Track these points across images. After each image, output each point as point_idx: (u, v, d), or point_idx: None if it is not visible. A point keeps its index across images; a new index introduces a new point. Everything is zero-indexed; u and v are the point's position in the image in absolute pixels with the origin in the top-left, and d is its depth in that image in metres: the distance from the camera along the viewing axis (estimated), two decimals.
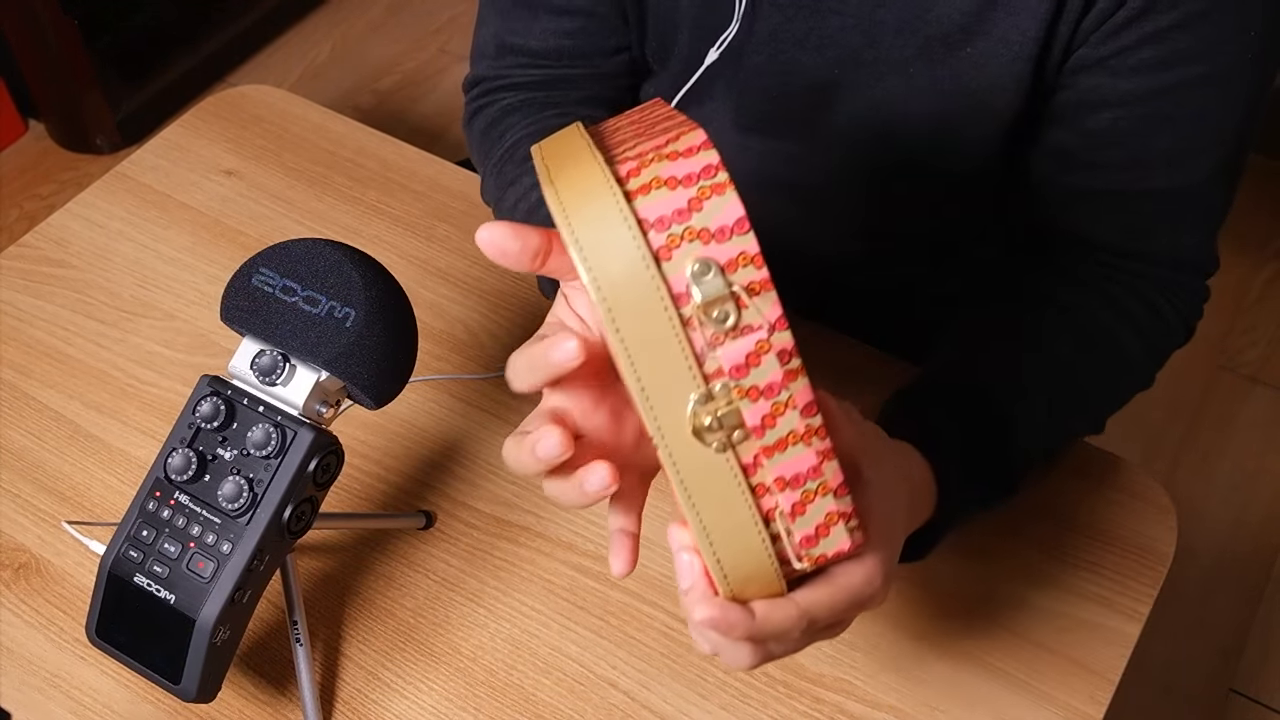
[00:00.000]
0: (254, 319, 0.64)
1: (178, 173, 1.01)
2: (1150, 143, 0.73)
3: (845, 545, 0.48)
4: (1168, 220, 0.77)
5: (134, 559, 0.65)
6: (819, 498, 0.47)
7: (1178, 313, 0.79)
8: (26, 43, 2.04)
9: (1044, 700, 0.72)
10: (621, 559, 0.54)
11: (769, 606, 0.50)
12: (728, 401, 0.45)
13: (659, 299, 0.44)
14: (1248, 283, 2.00)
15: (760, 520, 0.47)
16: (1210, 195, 0.76)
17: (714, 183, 0.45)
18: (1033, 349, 0.74)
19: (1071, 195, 0.77)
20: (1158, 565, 0.78)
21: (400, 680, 0.73)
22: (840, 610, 0.52)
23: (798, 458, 0.46)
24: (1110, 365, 0.76)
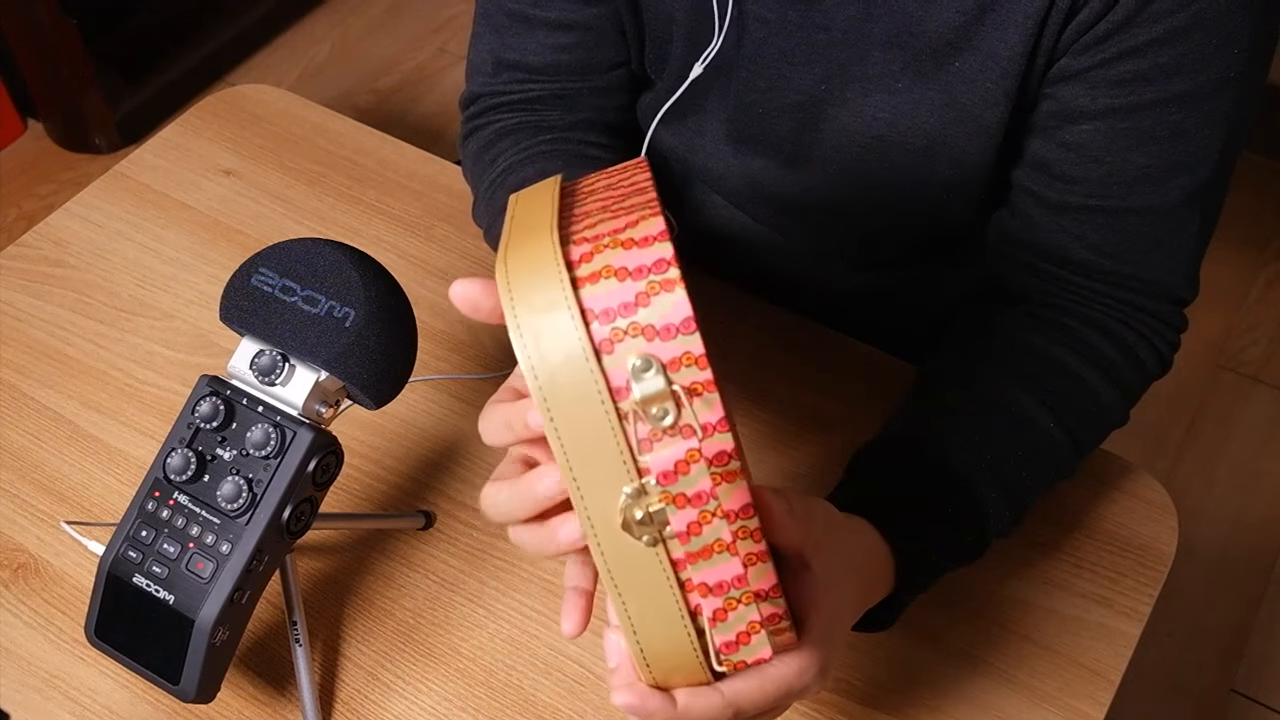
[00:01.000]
0: (253, 319, 0.64)
1: (177, 172, 1.01)
2: (1128, 159, 0.72)
3: (766, 654, 0.48)
4: (1144, 240, 0.75)
5: (133, 559, 0.64)
6: (741, 606, 0.47)
7: (1152, 348, 0.77)
8: (25, 42, 2.04)
9: (1045, 700, 0.72)
10: (573, 619, 0.54)
11: (692, 696, 0.49)
12: (659, 499, 0.45)
13: (596, 391, 0.44)
14: (1248, 282, 2.00)
15: (687, 614, 0.47)
16: (1189, 218, 0.74)
17: (664, 278, 0.44)
18: (996, 400, 0.74)
19: (1048, 209, 0.76)
20: (1159, 565, 0.78)
21: (400, 680, 0.73)
22: (771, 700, 0.51)
23: (722, 566, 0.46)
24: (1081, 414, 0.75)
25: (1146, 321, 0.78)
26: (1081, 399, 0.75)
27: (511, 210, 0.49)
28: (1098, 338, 0.76)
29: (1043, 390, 0.74)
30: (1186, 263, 0.77)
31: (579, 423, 0.44)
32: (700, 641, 0.47)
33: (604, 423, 0.44)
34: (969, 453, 0.70)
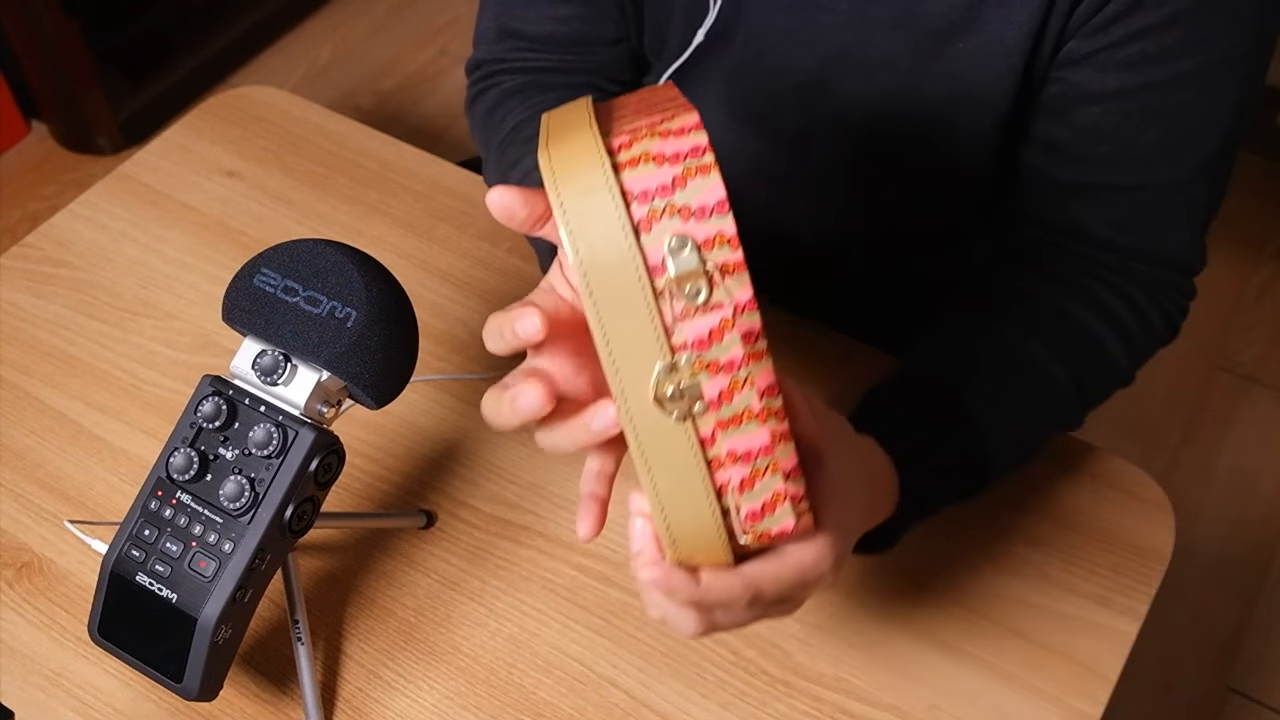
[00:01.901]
0: (255, 319, 0.64)
1: (180, 173, 1.01)
2: (1137, 138, 0.73)
3: (789, 525, 0.49)
4: (1154, 215, 0.77)
5: (136, 558, 0.65)
6: (768, 475, 0.48)
7: (1162, 311, 0.79)
8: (29, 44, 2.04)
9: (1043, 698, 0.72)
10: (587, 523, 0.55)
11: (713, 576, 0.51)
12: (691, 374, 0.47)
13: (635, 268, 0.46)
14: (1245, 283, 2.00)
15: (713, 492, 0.48)
16: (1197, 192, 0.76)
17: (700, 163, 0.46)
18: (1007, 346, 0.75)
19: (1058, 188, 0.78)
20: (1156, 564, 0.78)
21: (401, 679, 0.74)
22: (787, 586, 0.53)
23: (751, 434, 0.48)
24: (1087, 363, 0.76)
25: (1157, 287, 0.79)
26: (1091, 351, 0.76)
27: (545, 122, 0.51)
28: (1108, 295, 0.77)
29: (1054, 339, 0.75)
30: (1195, 233, 0.78)
31: (617, 298, 0.46)
32: (725, 522, 0.49)
33: (640, 298, 0.46)
34: (980, 396, 0.71)
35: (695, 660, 0.74)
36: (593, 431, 0.51)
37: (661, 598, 0.53)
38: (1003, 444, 0.72)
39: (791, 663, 0.74)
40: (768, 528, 0.49)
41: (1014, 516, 0.80)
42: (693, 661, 0.74)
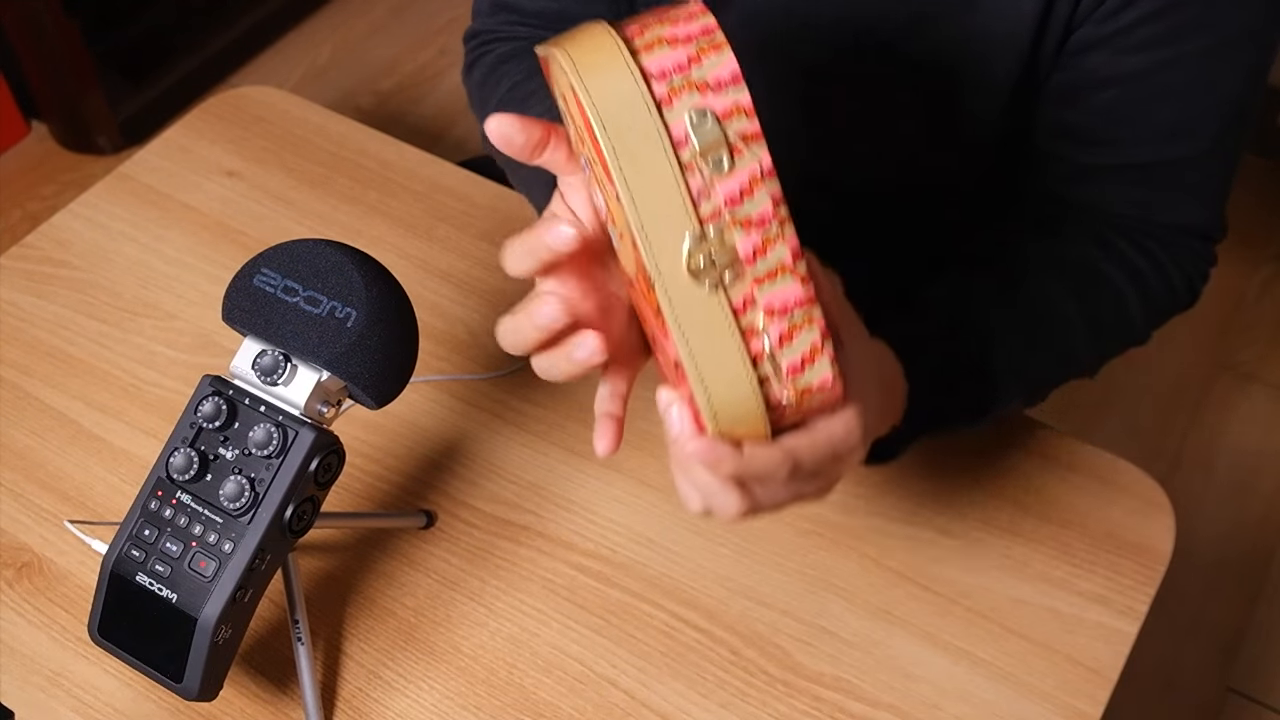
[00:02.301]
0: (255, 319, 0.64)
1: (179, 173, 1.02)
2: (1156, 117, 0.74)
3: (828, 377, 0.51)
4: (1175, 189, 0.78)
5: (136, 558, 0.65)
6: (805, 329, 0.50)
7: (1183, 273, 0.80)
8: (29, 44, 2.04)
9: (1043, 698, 0.72)
10: (606, 440, 0.57)
11: (754, 447, 0.52)
12: (720, 242, 0.48)
13: (660, 142, 0.48)
14: (1245, 282, 2.00)
15: (748, 359, 0.50)
16: (1216, 162, 0.77)
17: (711, 42, 0.48)
18: (1020, 281, 0.76)
19: (1079, 171, 0.79)
20: (1156, 564, 0.78)
21: (401, 679, 0.74)
22: (821, 458, 0.54)
23: (786, 288, 0.49)
24: (1102, 308, 0.77)
25: (1178, 253, 0.80)
26: (1109, 299, 0.77)
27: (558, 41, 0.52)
28: (1131, 250, 0.78)
29: (1071, 281, 0.76)
30: (1215, 202, 0.79)
31: (645, 174, 0.48)
32: (762, 391, 0.50)
33: (667, 171, 0.48)
34: (993, 320, 0.73)
35: (695, 660, 0.74)
36: (576, 362, 0.53)
37: (705, 476, 0.54)
38: (1012, 369, 0.72)
39: (791, 662, 0.74)
40: (809, 381, 0.50)
41: (1014, 516, 0.80)
42: (692, 661, 0.74)
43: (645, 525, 0.80)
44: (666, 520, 0.80)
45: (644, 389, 0.86)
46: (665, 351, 0.54)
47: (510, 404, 0.86)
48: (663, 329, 0.51)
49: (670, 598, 0.76)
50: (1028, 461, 0.82)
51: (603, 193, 0.52)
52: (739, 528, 0.79)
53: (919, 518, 0.80)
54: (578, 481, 0.82)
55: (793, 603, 0.76)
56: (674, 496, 0.80)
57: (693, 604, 0.76)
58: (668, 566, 0.78)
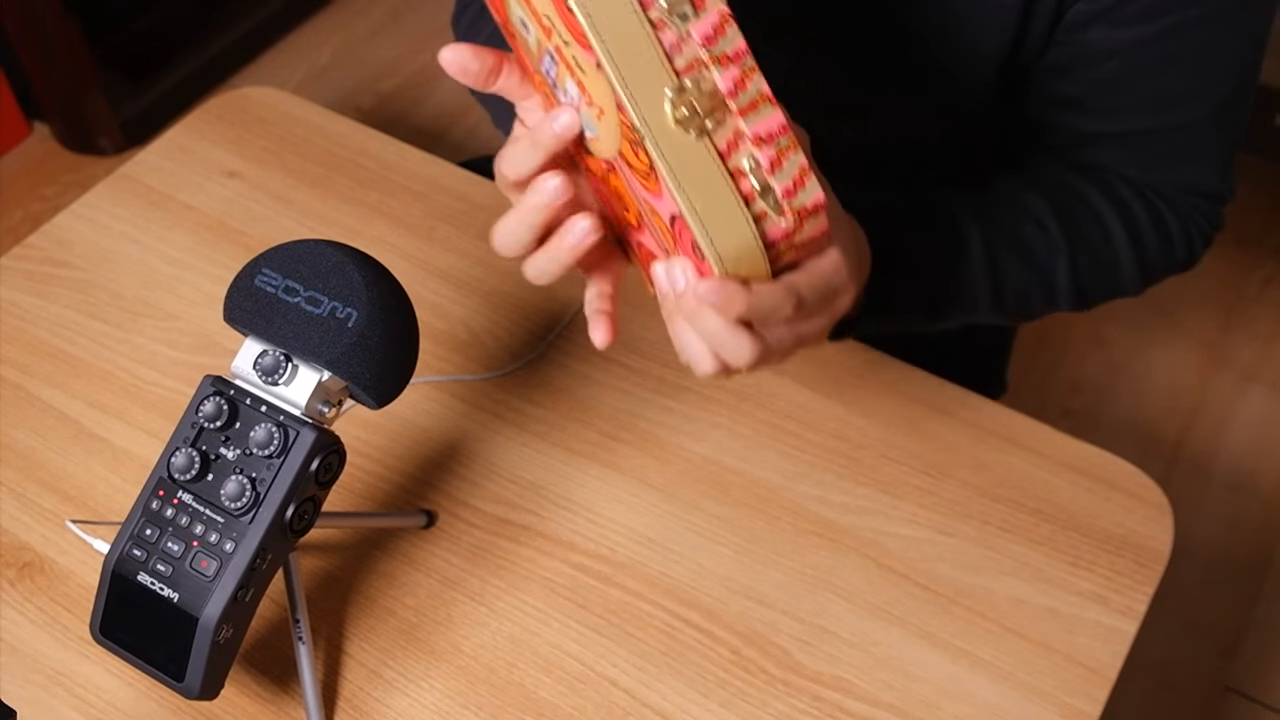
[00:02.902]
0: (256, 319, 0.65)
1: (181, 174, 1.02)
2: (1157, 85, 0.75)
3: (820, 197, 0.54)
4: (1178, 153, 0.79)
5: (137, 558, 0.65)
6: (792, 153, 0.53)
7: (1183, 229, 0.80)
8: (30, 44, 2.05)
9: (1041, 698, 0.72)
10: (601, 332, 0.62)
11: (760, 285, 0.55)
12: (699, 91, 0.52)
13: (630, 5, 0.51)
14: (1244, 281, 2.00)
15: (741, 199, 0.53)
16: (1222, 125, 0.78)
17: None
18: (999, 187, 0.78)
19: (1080, 138, 0.80)
20: (1154, 564, 0.78)
21: (402, 678, 0.74)
22: (818, 293, 0.58)
23: (769, 117, 0.53)
24: (1084, 233, 0.78)
25: (1181, 208, 0.81)
26: (1093, 227, 0.78)
27: None
28: (1129, 194, 0.79)
29: (1055, 203, 0.78)
30: (1222, 163, 0.80)
31: (620, 37, 0.51)
32: (759, 228, 0.54)
33: (640, 32, 0.51)
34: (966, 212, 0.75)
35: (695, 659, 0.74)
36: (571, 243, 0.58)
37: (714, 322, 0.56)
38: (979, 257, 0.74)
39: (791, 662, 0.74)
40: (803, 202, 0.54)
41: (1012, 515, 0.80)
42: (693, 661, 0.74)
43: (645, 525, 0.80)
44: (666, 520, 0.80)
45: (634, 389, 0.86)
46: (653, 226, 0.58)
47: (510, 404, 0.86)
48: (655, 187, 0.54)
49: (670, 597, 0.77)
50: (1027, 461, 0.82)
51: (574, 78, 0.55)
52: (739, 529, 0.79)
53: (918, 518, 0.80)
54: (578, 481, 0.82)
55: (792, 602, 0.76)
56: (675, 496, 0.80)
57: (693, 604, 0.76)
58: (668, 566, 0.78)
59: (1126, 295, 0.83)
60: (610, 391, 0.86)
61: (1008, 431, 0.84)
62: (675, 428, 0.84)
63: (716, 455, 0.83)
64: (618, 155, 0.56)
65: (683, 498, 0.81)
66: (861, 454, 0.83)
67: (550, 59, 0.58)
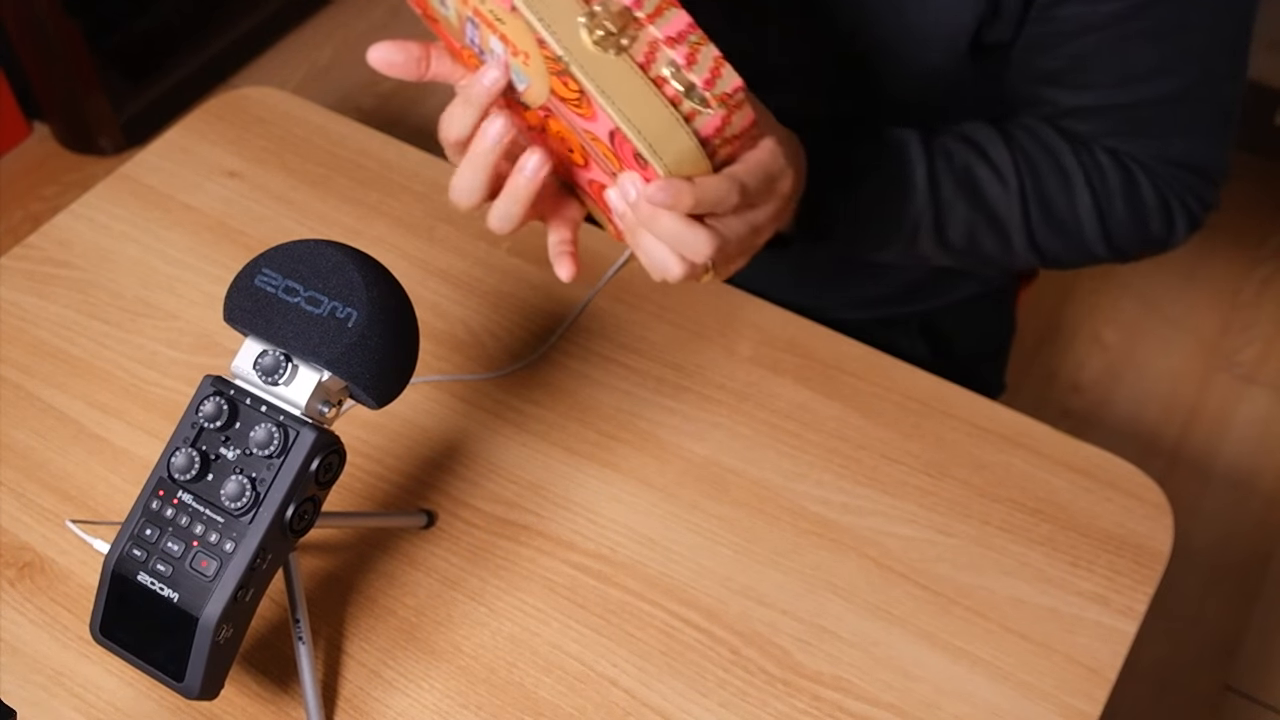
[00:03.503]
0: (256, 319, 0.64)
1: (181, 174, 1.02)
2: (1136, 58, 0.75)
3: (739, 81, 0.58)
4: (1161, 126, 0.79)
5: (137, 557, 0.65)
6: (704, 47, 0.58)
7: (1160, 200, 0.80)
8: (30, 45, 2.05)
9: (1041, 698, 0.72)
10: (566, 268, 0.68)
11: (703, 179, 0.60)
12: (608, 11, 0.57)
13: None
14: (1244, 282, 2.00)
15: (668, 103, 0.58)
16: (1206, 99, 0.78)
17: None
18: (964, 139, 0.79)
19: (1062, 112, 0.80)
20: (1154, 564, 0.78)
21: (402, 678, 0.74)
22: (759, 180, 0.63)
23: (675, 19, 0.58)
24: (1045, 193, 0.79)
25: (1164, 181, 0.81)
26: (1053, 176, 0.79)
27: None
28: (1105, 158, 0.80)
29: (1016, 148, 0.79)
30: (1207, 139, 0.80)
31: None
32: (691, 126, 0.59)
33: None
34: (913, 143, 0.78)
35: (695, 659, 0.74)
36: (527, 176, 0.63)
37: (669, 222, 0.60)
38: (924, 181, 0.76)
39: (791, 661, 0.74)
40: (724, 88, 0.58)
41: (1012, 516, 0.80)
42: (693, 660, 0.74)
43: (645, 525, 0.80)
44: (666, 520, 0.80)
45: (634, 389, 0.86)
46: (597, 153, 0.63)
47: (510, 404, 0.86)
48: (590, 111, 0.59)
49: (670, 597, 0.77)
50: (1026, 461, 0.82)
51: (496, 33, 0.60)
52: (739, 529, 0.79)
53: (918, 517, 0.80)
54: (578, 481, 0.82)
55: (792, 602, 0.76)
56: (675, 496, 0.80)
57: (693, 603, 0.76)
58: (668, 566, 0.78)
59: (1094, 259, 0.83)
60: (610, 391, 0.86)
61: (1008, 431, 0.84)
62: (675, 428, 0.84)
63: (716, 455, 0.83)
64: (550, 95, 0.61)
65: (683, 498, 0.81)
66: (861, 454, 0.83)
67: (471, 25, 0.63)
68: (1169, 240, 0.83)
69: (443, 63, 0.68)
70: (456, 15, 0.64)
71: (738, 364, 0.88)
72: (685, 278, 0.63)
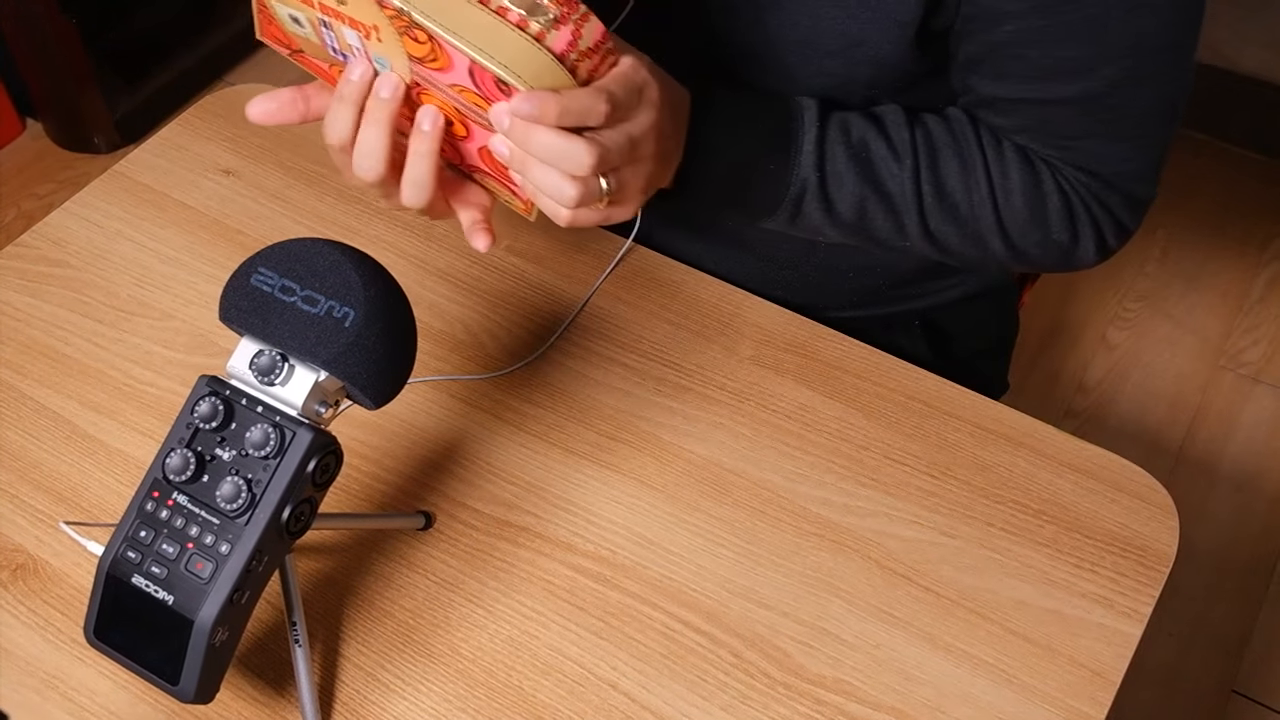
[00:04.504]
0: (252, 319, 0.64)
1: (176, 172, 1.01)
2: (1053, 53, 0.74)
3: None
4: (1074, 129, 0.78)
5: (132, 560, 0.64)
6: None
7: (1065, 205, 0.80)
8: (24, 42, 2.04)
9: (1046, 701, 0.72)
10: (481, 239, 0.71)
11: (569, 90, 0.62)
12: None
13: None
14: (1249, 282, 2.00)
15: (515, 28, 0.60)
16: (1126, 109, 0.77)
17: None
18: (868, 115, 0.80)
19: (982, 102, 0.80)
20: (1159, 566, 0.77)
21: (399, 681, 0.73)
22: (627, 91, 0.65)
23: None
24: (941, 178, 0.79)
25: (1078, 190, 0.80)
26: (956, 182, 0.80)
27: None
28: (1016, 159, 0.80)
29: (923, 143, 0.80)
30: (1127, 153, 0.79)
31: None
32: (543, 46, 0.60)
33: None
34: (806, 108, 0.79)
35: (696, 662, 0.73)
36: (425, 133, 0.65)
37: (545, 138, 0.61)
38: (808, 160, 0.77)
39: (792, 664, 0.73)
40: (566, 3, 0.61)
41: (1016, 517, 0.79)
42: (693, 664, 0.73)
43: (645, 526, 0.79)
44: (667, 521, 0.79)
45: (634, 389, 0.86)
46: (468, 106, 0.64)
47: (509, 404, 0.85)
48: (447, 60, 0.61)
49: (671, 600, 0.76)
50: (1030, 462, 0.82)
51: (346, 22, 0.63)
52: (740, 531, 0.79)
53: (921, 519, 0.79)
54: (577, 482, 0.81)
55: (794, 605, 0.76)
56: (675, 497, 0.80)
57: (693, 606, 0.76)
58: (668, 568, 0.77)
59: (992, 255, 0.83)
60: (610, 391, 0.86)
61: (1011, 432, 0.83)
62: (676, 428, 0.84)
63: (717, 456, 0.82)
64: (409, 64, 0.63)
65: (683, 499, 0.80)
66: (863, 455, 0.82)
67: (325, 29, 0.66)
68: (1074, 250, 0.82)
69: (322, 96, 0.71)
70: (311, 27, 0.66)
71: (739, 364, 0.87)
72: (581, 203, 0.65)
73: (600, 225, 0.70)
